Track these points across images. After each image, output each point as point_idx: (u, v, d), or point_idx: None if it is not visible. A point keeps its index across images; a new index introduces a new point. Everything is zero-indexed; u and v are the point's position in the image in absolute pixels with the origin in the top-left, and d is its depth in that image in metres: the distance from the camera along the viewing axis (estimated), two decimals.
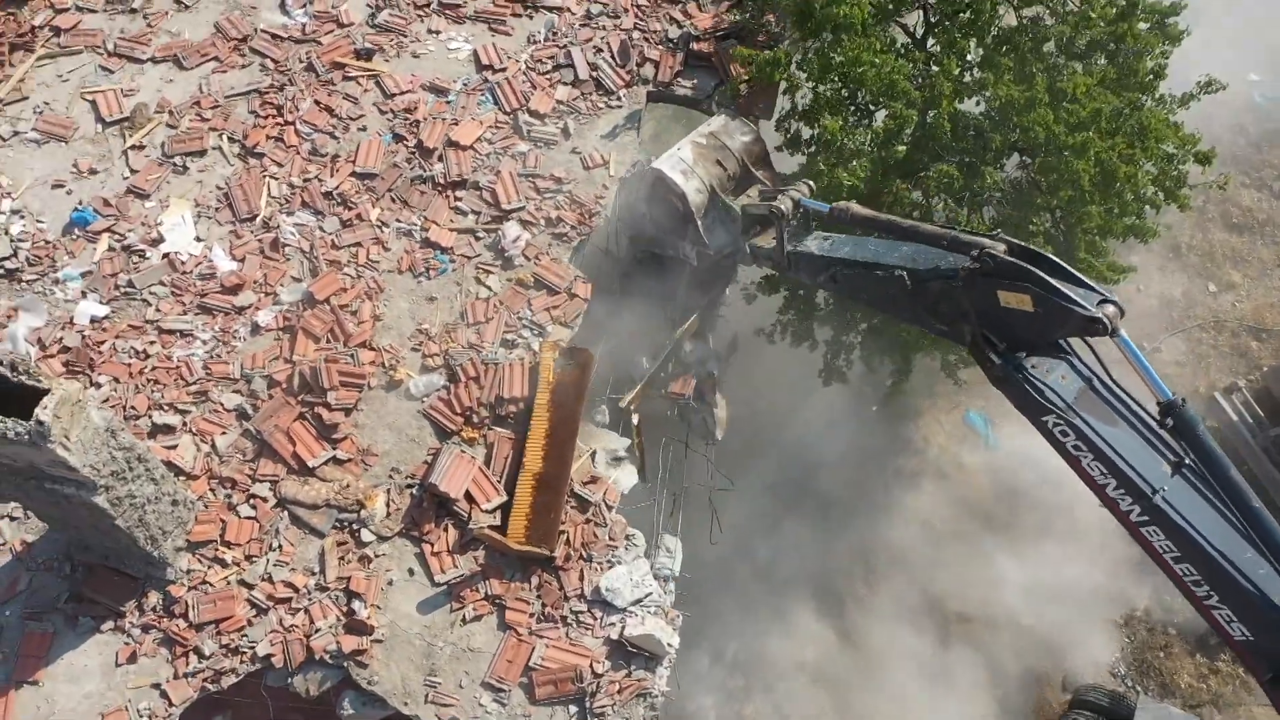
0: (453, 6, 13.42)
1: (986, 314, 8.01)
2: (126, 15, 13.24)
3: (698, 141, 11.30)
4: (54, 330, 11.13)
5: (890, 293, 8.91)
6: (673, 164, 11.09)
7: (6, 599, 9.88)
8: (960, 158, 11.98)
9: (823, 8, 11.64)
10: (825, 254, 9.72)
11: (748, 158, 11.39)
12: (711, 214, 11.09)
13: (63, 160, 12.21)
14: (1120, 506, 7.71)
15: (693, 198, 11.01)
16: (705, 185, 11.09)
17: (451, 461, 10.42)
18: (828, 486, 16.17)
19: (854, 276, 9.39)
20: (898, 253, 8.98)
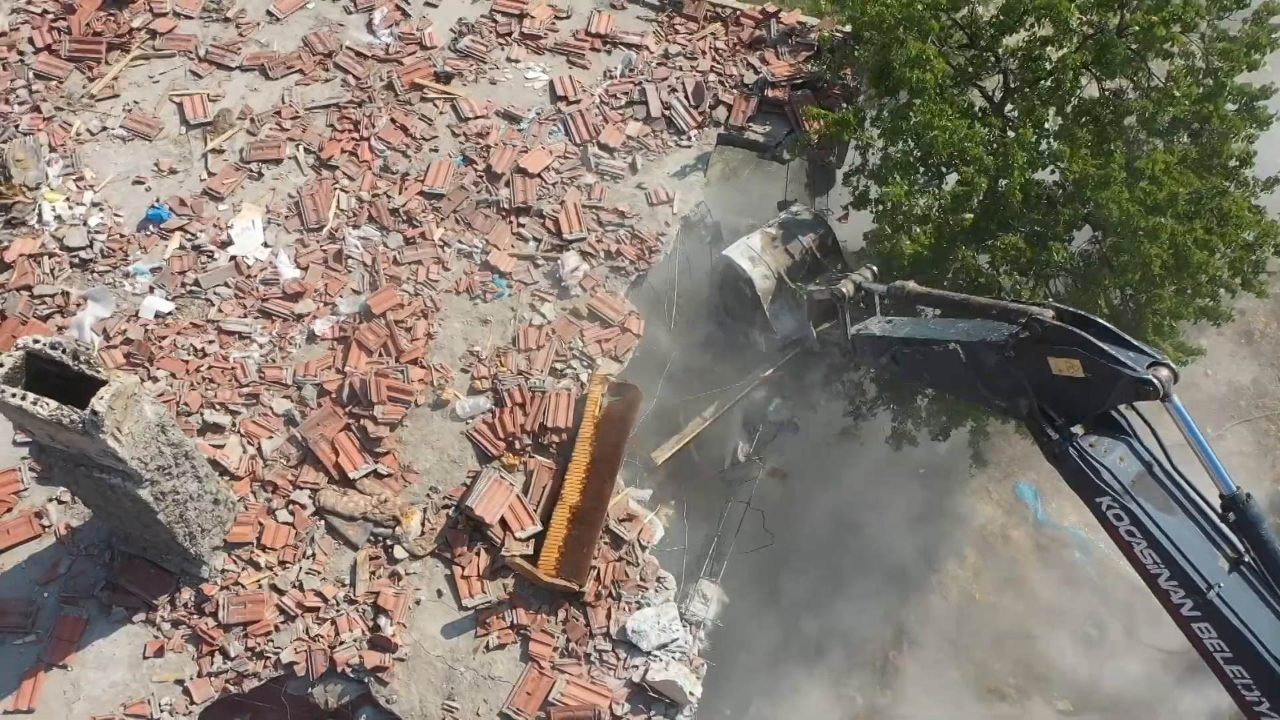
0: (534, 37, 13.62)
1: (1039, 384, 7.76)
2: (220, 23, 13.65)
3: (768, 232, 11.85)
4: (119, 322, 11.40)
5: (948, 369, 8.76)
6: (741, 251, 11.65)
7: (47, 581, 10.06)
8: (1029, 228, 11.78)
9: (900, 68, 11.57)
10: (886, 334, 9.72)
11: (817, 248, 11.84)
12: (779, 301, 11.61)
13: (145, 158, 12.57)
14: (1172, 599, 7.40)
15: (759, 284, 11.48)
16: (772, 272, 11.59)
17: (489, 486, 10.42)
18: (868, 546, 15.86)
19: (914, 355, 9.29)
20: (954, 328, 8.85)
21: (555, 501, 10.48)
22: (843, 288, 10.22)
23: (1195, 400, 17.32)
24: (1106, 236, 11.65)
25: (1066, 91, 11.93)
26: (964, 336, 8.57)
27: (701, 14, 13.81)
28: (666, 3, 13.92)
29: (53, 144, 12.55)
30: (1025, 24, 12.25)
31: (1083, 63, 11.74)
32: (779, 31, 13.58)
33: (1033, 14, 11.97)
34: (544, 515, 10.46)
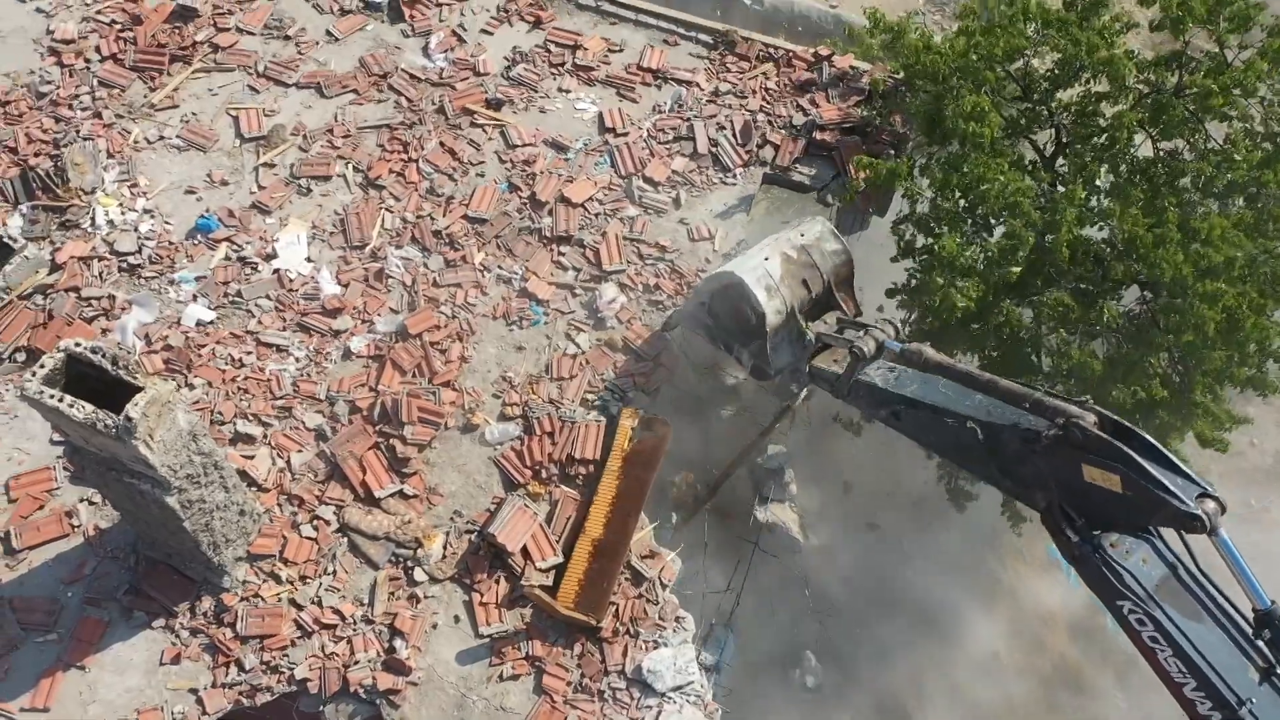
0: (585, 69, 13.72)
1: (1066, 485, 7.48)
2: (280, 41, 13.91)
3: (787, 254, 10.48)
4: (161, 328, 11.56)
5: (957, 441, 8.44)
6: (758, 277, 10.26)
7: (72, 581, 10.15)
8: (1077, 285, 11.61)
9: (952, 118, 11.50)
10: (889, 388, 9.13)
11: (834, 278, 10.68)
12: (782, 334, 10.40)
13: (199, 168, 12.79)
14: (1198, 709, 7.01)
15: (771, 319, 10.26)
16: (786, 306, 10.34)
17: (513, 514, 10.38)
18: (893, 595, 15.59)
19: (919, 417, 8.86)
20: (970, 401, 8.43)
21: (578, 533, 10.42)
22: (864, 345, 9.35)
23: (1240, 469, 16.91)
24: (1157, 296, 11.44)
25: (1120, 149, 11.80)
26: (984, 415, 8.21)
27: (754, 54, 13.84)
28: (719, 41, 13.97)
29: (111, 150, 12.82)
30: (1081, 79, 12.15)
31: (1138, 121, 11.62)
32: (830, 75, 13.56)
33: (1089, 70, 11.88)
34: (566, 547, 10.39)
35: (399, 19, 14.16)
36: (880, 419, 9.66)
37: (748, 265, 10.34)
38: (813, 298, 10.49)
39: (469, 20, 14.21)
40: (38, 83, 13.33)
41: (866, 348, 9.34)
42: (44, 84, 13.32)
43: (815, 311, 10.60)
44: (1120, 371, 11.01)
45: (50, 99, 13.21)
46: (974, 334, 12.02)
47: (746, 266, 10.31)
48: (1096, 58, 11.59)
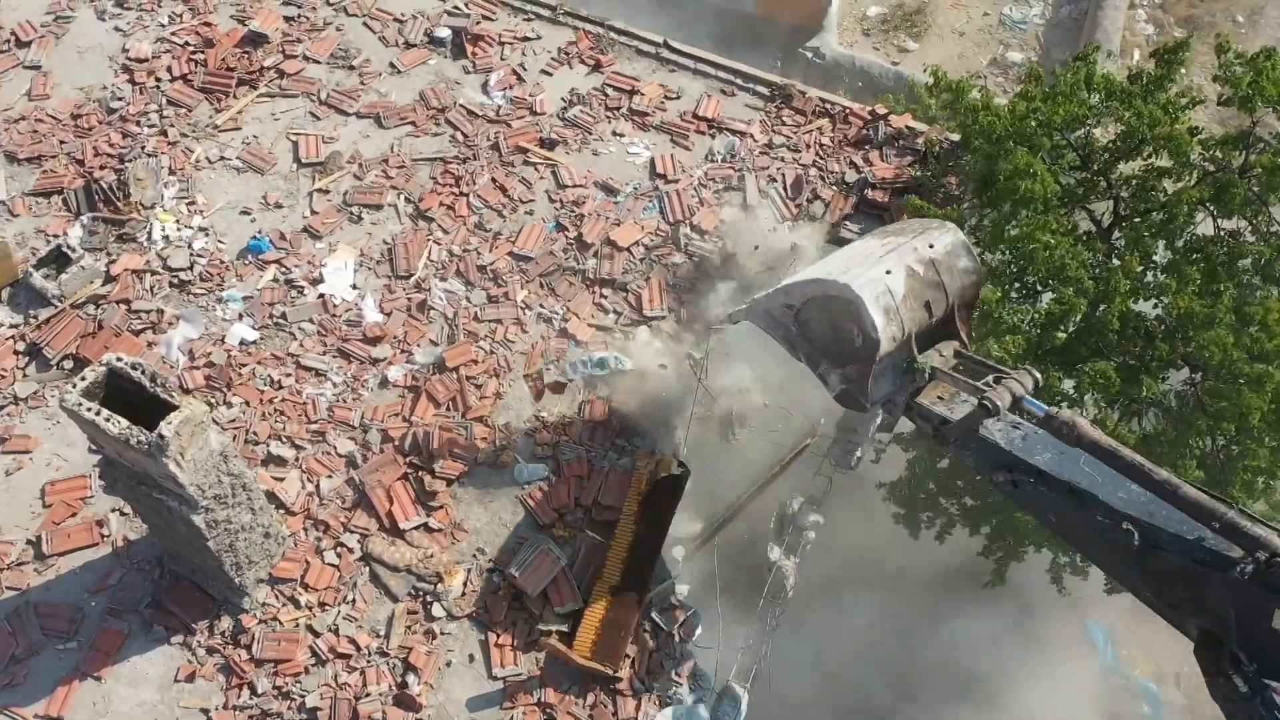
0: (641, 114, 13.80)
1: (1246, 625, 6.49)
2: (344, 70, 14.19)
3: (913, 269, 8.46)
4: (205, 344, 11.73)
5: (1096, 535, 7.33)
6: (877, 294, 8.23)
7: (97, 590, 10.24)
8: (1123, 359, 11.33)
9: (1006, 179, 11.36)
10: (1014, 450, 7.75)
11: (959, 301, 8.81)
12: (889, 359, 8.51)
13: (255, 190, 13.04)
14: None
15: (885, 346, 8.31)
16: (904, 332, 8.39)
17: (536, 556, 10.30)
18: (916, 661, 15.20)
19: (1049, 496, 7.59)
20: (1126, 491, 7.17)
21: (598, 579, 10.30)
22: (997, 399, 7.75)
23: None
24: (1205, 379, 11.14)
25: (1179, 226, 11.56)
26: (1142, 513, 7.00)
27: (810, 108, 13.82)
28: (776, 94, 13.99)
29: (173, 167, 13.13)
30: (1143, 153, 11.95)
31: (1199, 199, 11.37)
32: (886, 134, 13.49)
33: (1151, 144, 11.67)
34: (586, 592, 10.27)
35: (461, 55, 14.39)
36: (994, 483, 8.31)
37: (866, 278, 8.30)
38: (932, 321, 8.66)
39: (530, 60, 14.39)
40: (109, 98, 13.73)
41: (1001, 402, 7.80)
42: (115, 100, 13.72)
43: (932, 339, 8.82)
44: (1156, 451, 10.70)
45: (120, 115, 13.59)
46: None
47: (864, 279, 8.29)
48: (1158, 132, 11.39)
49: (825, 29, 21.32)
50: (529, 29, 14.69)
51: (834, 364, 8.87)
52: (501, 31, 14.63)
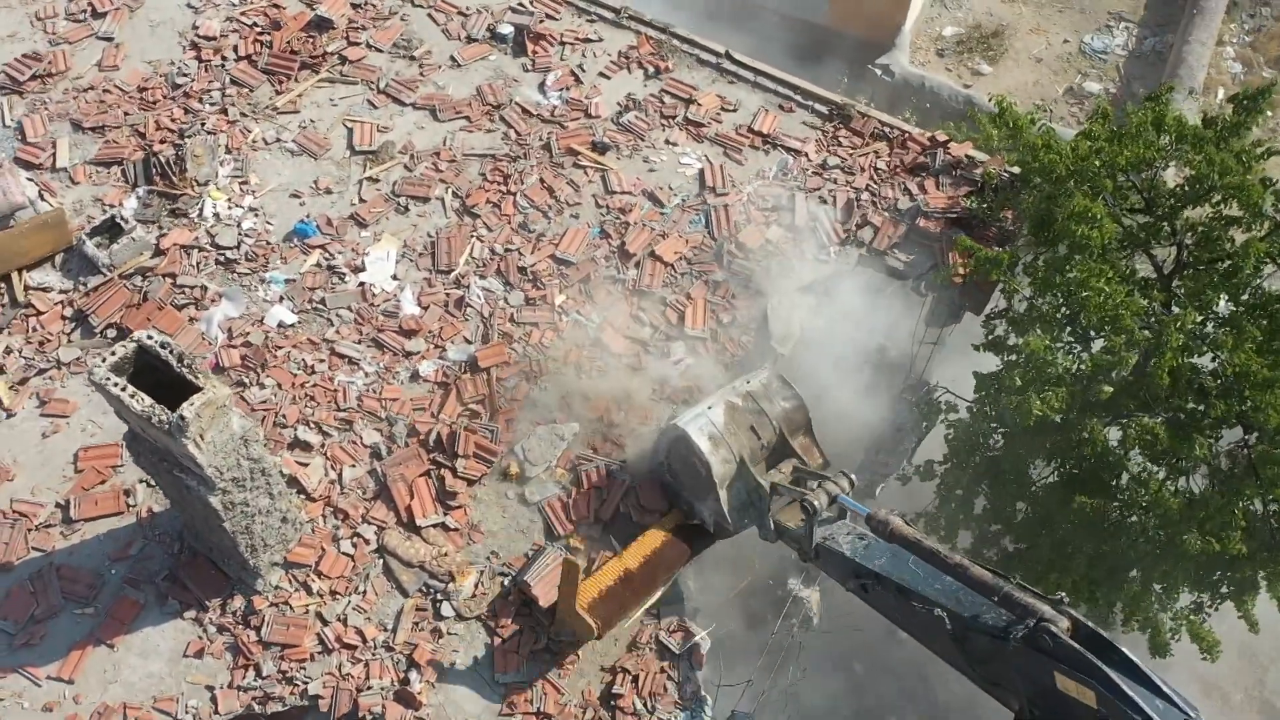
0: (696, 124, 13.65)
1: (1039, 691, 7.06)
2: (405, 61, 14.26)
3: (732, 402, 10.15)
4: (245, 324, 11.86)
5: (927, 626, 7.99)
6: (700, 427, 9.93)
7: (118, 558, 10.41)
8: (1173, 415, 10.89)
9: (1064, 219, 10.99)
10: (857, 558, 8.65)
11: (786, 426, 10.24)
12: (738, 485, 10.02)
13: (307, 174, 13.16)
14: None
15: (718, 469, 9.85)
16: (734, 455, 9.92)
17: (549, 565, 10.21)
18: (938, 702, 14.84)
19: (887, 595, 8.38)
20: (940, 583, 7.97)
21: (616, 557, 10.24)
22: (815, 499, 8.92)
23: None
24: (1259, 442, 10.67)
25: (1244, 279, 11.07)
26: (950, 603, 7.77)
27: (869, 131, 13.55)
28: (835, 113, 13.73)
29: (230, 146, 13.30)
30: (1211, 200, 11.48)
31: (1268, 253, 10.89)
32: (944, 162, 13.16)
33: (1220, 191, 11.21)
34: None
35: (521, 53, 14.37)
36: (849, 589, 9.04)
37: (690, 415, 10.06)
38: (764, 446, 10.15)
39: (589, 62, 14.33)
40: (175, 74, 13.96)
41: (818, 502, 8.94)
42: (180, 75, 13.94)
43: (774, 461, 10.25)
44: (1201, 516, 10.27)
45: (184, 90, 13.81)
46: (1052, 446, 11.40)
47: (689, 416, 10.05)
48: (1229, 181, 10.92)
49: (897, 46, 20.91)
50: (591, 30, 14.62)
51: (699, 500, 10.29)
52: (564, 31, 14.58)
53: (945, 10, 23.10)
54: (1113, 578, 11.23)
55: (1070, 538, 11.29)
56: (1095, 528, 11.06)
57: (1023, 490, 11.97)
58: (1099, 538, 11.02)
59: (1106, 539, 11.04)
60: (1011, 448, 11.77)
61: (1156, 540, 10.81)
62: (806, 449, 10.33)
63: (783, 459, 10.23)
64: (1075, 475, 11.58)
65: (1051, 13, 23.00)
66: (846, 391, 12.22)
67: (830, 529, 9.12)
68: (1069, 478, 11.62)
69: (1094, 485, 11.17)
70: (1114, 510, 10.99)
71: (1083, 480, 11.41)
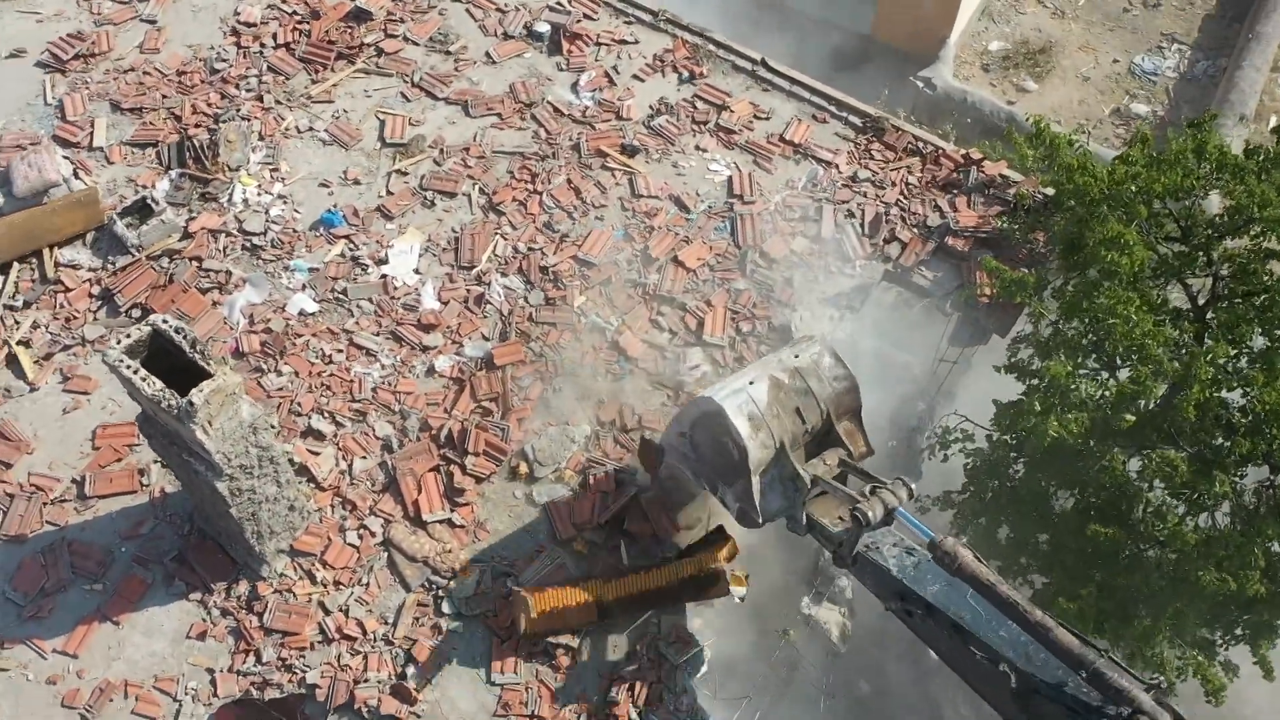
0: (727, 131, 13.55)
1: None
2: (441, 55, 14.30)
3: (777, 378, 8.82)
4: (266, 310, 11.95)
5: (985, 675, 7.39)
6: (739, 404, 8.63)
7: (128, 537, 10.53)
8: (1197, 449, 10.62)
9: (1095, 244, 10.76)
10: (904, 579, 7.88)
11: (835, 409, 8.96)
12: (772, 472, 8.76)
13: (337, 164, 13.23)
14: None
15: (755, 454, 8.60)
16: (774, 440, 8.66)
17: (549, 569, 10.18)
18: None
19: (936, 629, 7.70)
20: (1007, 630, 7.28)
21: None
22: (869, 510, 7.90)
23: None
24: None
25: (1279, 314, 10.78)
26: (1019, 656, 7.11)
27: (902, 145, 13.37)
28: (869, 125, 13.57)
29: (263, 133, 13.41)
30: (1250, 232, 11.19)
31: None
32: (977, 180, 12.95)
33: (1260, 224, 10.92)
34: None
35: (557, 52, 14.35)
36: (888, 608, 8.30)
37: (729, 390, 8.79)
38: (809, 430, 8.91)
39: (624, 64, 14.28)
40: (214, 58, 14.10)
41: (872, 513, 7.93)
42: (219, 60, 14.08)
43: (815, 448, 9.04)
44: (1219, 553, 9.99)
45: (221, 76, 13.95)
46: (1071, 473, 11.16)
47: (727, 391, 8.77)
48: (1269, 214, 10.64)
49: (940, 59, 20.63)
50: (628, 32, 14.57)
51: (726, 483, 9.14)
52: (600, 32, 14.55)
53: (993, 25, 22.76)
54: (1123, 611, 10.98)
55: (1083, 567, 11.06)
56: (1109, 558, 10.82)
57: (1044, 520, 11.74)
58: (1112, 569, 10.78)
59: (1120, 571, 10.79)
60: (1031, 475, 11.55)
61: (1171, 575, 10.54)
62: (851, 435, 9.14)
63: (825, 445, 9.04)
64: (1093, 504, 11.34)
65: (1102, 31, 22.59)
66: None
67: (874, 535, 8.20)
68: (1086, 506, 11.38)
69: (1111, 515, 10.92)
70: (1129, 542, 10.74)
71: (1100, 509, 11.17)
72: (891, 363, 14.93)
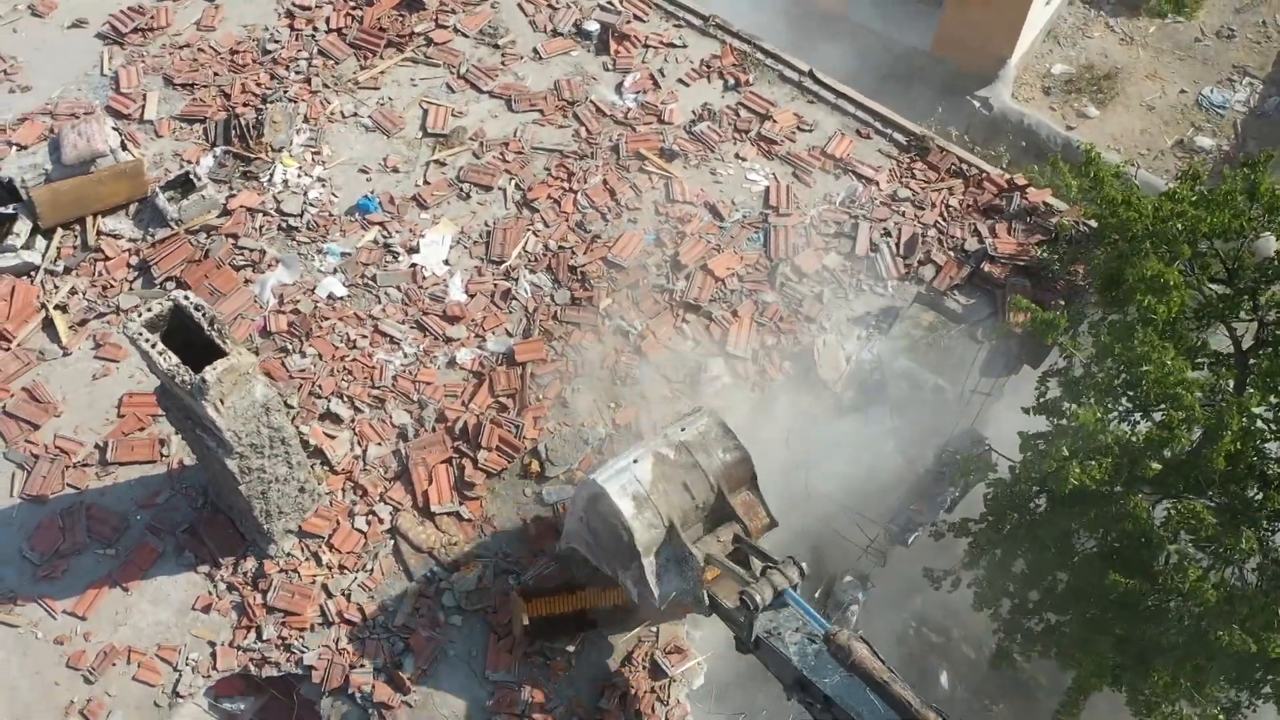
0: (769, 141, 13.41)
1: None
2: (489, 48, 14.34)
3: (662, 453, 8.58)
4: (297, 292, 12.08)
5: None
6: (623, 484, 8.38)
7: (145, 505, 10.70)
8: (1228, 501, 10.27)
9: (1134, 282, 10.45)
10: (803, 669, 7.67)
11: (726, 482, 8.68)
12: (667, 552, 8.46)
13: (378, 151, 13.33)
14: None
15: (641, 535, 8.34)
16: (662, 519, 8.39)
17: (551, 570, 10.15)
18: None
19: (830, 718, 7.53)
20: None
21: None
22: (757, 594, 7.71)
23: None
24: None
25: None
26: None
27: (945, 166, 13.12)
28: (913, 144, 13.34)
29: (308, 115, 13.56)
30: None
31: None
32: (1020, 207, 12.66)
33: None
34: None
35: (604, 51, 14.32)
36: (790, 698, 8.06)
37: (612, 470, 8.54)
38: (700, 506, 8.60)
39: (670, 67, 14.20)
40: (267, 39, 14.30)
41: (760, 596, 7.74)
42: (272, 42, 14.27)
43: (712, 524, 8.72)
44: (1242, 613, 9.64)
45: (273, 57, 14.13)
46: (1095, 516, 10.86)
47: (611, 472, 8.51)
48: None
49: (1000, 79, 20.25)
50: (676, 35, 14.50)
51: (623, 566, 8.81)
52: (649, 34, 14.49)
53: (1058, 47, 22.29)
54: (1141, 663, 10.66)
55: (1101, 616, 10.76)
56: (1129, 609, 10.51)
57: (1064, 559, 11.44)
58: (1132, 620, 10.46)
59: (1139, 622, 10.47)
60: (1054, 513, 11.26)
61: (1191, 631, 10.21)
62: (749, 507, 8.81)
63: (722, 519, 8.73)
64: (1116, 550, 11.02)
65: (1171, 60, 22.01)
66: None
67: (777, 619, 7.97)
68: (1108, 551, 11.07)
69: (1133, 564, 10.61)
70: (1150, 593, 10.41)
71: (1123, 556, 10.85)
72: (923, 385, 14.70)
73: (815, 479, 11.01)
